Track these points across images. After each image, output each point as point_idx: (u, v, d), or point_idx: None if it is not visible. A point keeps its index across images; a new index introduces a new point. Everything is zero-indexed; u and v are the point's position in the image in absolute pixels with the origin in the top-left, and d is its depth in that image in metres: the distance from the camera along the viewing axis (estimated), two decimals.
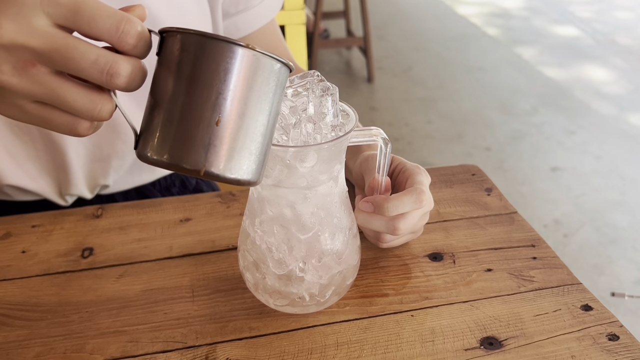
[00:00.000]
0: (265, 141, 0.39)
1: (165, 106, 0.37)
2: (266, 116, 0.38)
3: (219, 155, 0.37)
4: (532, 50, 3.65)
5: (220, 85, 0.36)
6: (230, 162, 0.37)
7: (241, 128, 0.37)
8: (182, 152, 0.36)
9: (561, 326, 0.53)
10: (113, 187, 0.78)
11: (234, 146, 0.37)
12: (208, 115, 0.36)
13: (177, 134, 0.37)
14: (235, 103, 0.37)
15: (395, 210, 0.54)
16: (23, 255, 0.62)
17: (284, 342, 0.51)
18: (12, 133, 0.67)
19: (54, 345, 0.51)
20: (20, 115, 0.40)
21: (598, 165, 2.42)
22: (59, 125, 0.40)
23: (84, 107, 0.38)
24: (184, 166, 0.37)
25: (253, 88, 0.37)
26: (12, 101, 0.38)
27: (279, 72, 0.38)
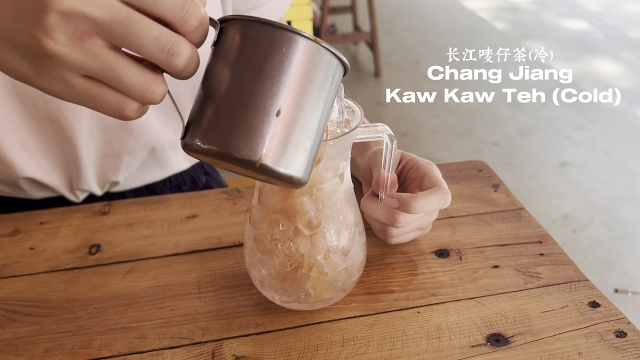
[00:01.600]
0: (318, 140, 0.38)
1: (222, 95, 0.36)
2: (322, 114, 0.38)
3: (276, 147, 0.35)
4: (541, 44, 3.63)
5: (283, 75, 0.35)
6: (286, 156, 0.36)
7: (300, 122, 0.36)
8: (239, 141, 0.35)
9: (568, 323, 0.53)
10: (123, 184, 0.78)
11: (292, 140, 0.36)
12: (269, 104, 0.35)
13: (234, 122, 0.35)
14: (297, 95, 0.36)
15: (422, 209, 0.55)
16: (31, 251, 0.62)
17: (290, 338, 0.52)
18: (26, 126, 0.68)
19: (62, 341, 0.52)
20: (65, 90, 0.37)
21: (607, 160, 2.40)
22: (105, 104, 0.37)
23: (137, 86, 0.36)
24: (239, 155, 0.35)
25: (314, 82, 0.36)
26: (60, 74, 0.36)
27: (336, 69, 0.38)
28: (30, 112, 0.67)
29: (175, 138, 0.77)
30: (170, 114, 0.75)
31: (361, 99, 2.92)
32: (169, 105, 0.74)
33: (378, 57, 3.13)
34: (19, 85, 0.65)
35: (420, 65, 3.33)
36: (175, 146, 0.78)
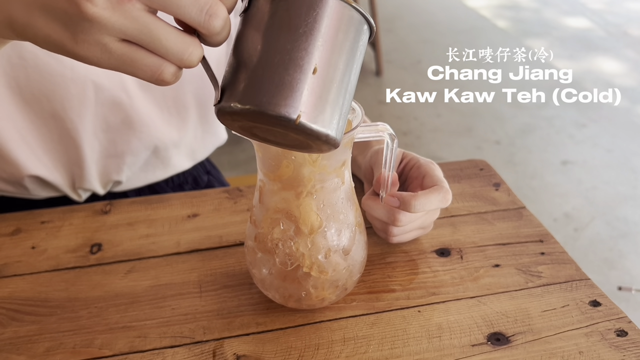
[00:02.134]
0: (349, 101, 0.39)
1: (257, 57, 0.36)
2: (353, 75, 0.38)
3: (313, 105, 0.36)
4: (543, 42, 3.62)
5: (317, 34, 0.36)
6: (324, 114, 0.36)
7: (334, 80, 0.37)
8: (277, 98, 0.35)
9: (569, 322, 0.53)
10: (126, 184, 0.78)
11: (328, 98, 0.36)
12: (305, 62, 0.35)
13: (270, 81, 0.35)
14: (330, 53, 0.36)
15: (422, 207, 0.55)
16: (33, 251, 0.63)
17: (291, 337, 0.52)
18: (30, 124, 0.68)
19: (64, 340, 0.52)
20: (102, 55, 0.36)
21: (609, 158, 2.40)
22: (143, 67, 0.37)
23: (175, 48, 0.36)
24: (278, 113, 0.35)
25: (345, 41, 0.37)
26: (98, 39, 0.35)
27: (365, 32, 0.39)
28: (34, 111, 0.67)
29: (178, 138, 0.77)
30: (173, 113, 0.75)
31: (362, 98, 2.91)
32: (172, 104, 0.74)
33: (379, 55, 3.13)
34: (23, 84, 0.65)
35: (421, 64, 3.32)
36: (177, 146, 0.78)
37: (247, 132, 0.40)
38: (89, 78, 0.66)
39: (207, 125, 0.80)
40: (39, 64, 0.64)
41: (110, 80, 0.68)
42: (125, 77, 0.69)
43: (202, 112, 0.78)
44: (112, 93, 0.68)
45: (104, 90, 0.67)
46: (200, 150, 0.83)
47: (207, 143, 0.83)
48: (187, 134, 0.78)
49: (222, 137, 0.85)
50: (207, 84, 0.75)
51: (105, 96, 0.68)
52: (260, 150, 0.48)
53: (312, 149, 0.40)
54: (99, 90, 0.67)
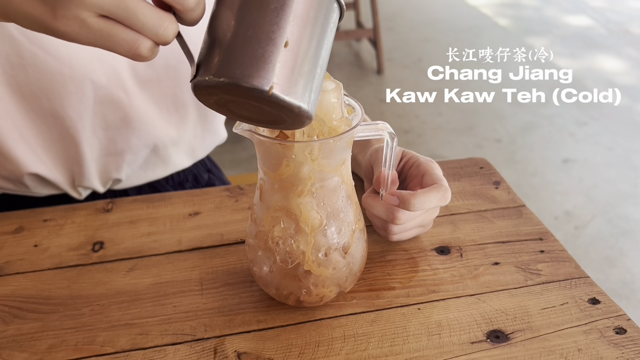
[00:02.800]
0: (321, 76, 0.40)
1: (231, 33, 0.37)
2: (325, 50, 0.40)
3: (286, 77, 0.37)
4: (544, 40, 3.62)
5: (288, 10, 0.37)
6: (296, 86, 0.38)
7: (306, 54, 0.38)
8: (251, 71, 0.36)
9: (568, 319, 0.53)
10: (126, 182, 0.78)
11: (300, 71, 0.38)
12: (277, 36, 0.37)
13: (244, 54, 0.37)
14: (302, 28, 0.38)
15: (421, 206, 0.55)
16: (35, 249, 0.63)
17: (292, 334, 0.52)
18: (29, 122, 0.68)
19: (66, 338, 0.52)
20: (80, 30, 0.37)
21: (610, 156, 2.40)
22: (120, 42, 0.38)
23: (151, 23, 0.37)
24: (252, 84, 0.36)
25: (317, 18, 0.39)
26: (76, 13, 0.37)
27: (335, 10, 0.40)
28: (33, 110, 0.67)
29: (177, 136, 0.77)
30: (172, 112, 0.75)
31: (363, 96, 2.92)
32: (171, 103, 0.74)
33: (380, 53, 3.13)
34: (22, 83, 0.65)
35: (422, 62, 3.32)
36: (177, 144, 0.78)
37: (223, 108, 0.41)
38: (87, 76, 0.66)
39: (206, 123, 0.81)
40: (37, 63, 0.64)
41: (108, 79, 0.68)
42: (123, 76, 0.69)
43: (202, 111, 0.78)
44: (111, 91, 0.68)
45: (102, 88, 0.68)
46: (200, 149, 0.83)
47: (206, 141, 0.83)
48: (187, 132, 0.78)
49: (222, 136, 0.86)
50: None
51: (104, 94, 0.68)
52: (260, 148, 0.48)
53: (286, 123, 0.41)
54: (98, 88, 0.68)
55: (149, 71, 0.71)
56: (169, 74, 0.72)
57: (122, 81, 0.69)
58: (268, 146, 0.47)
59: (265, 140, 0.46)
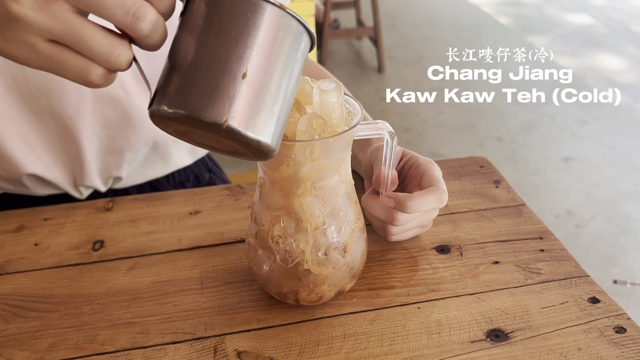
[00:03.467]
0: (286, 108, 0.38)
1: (188, 61, 0.36)
2: (289, 81, 0.38)
3: (243, 110, 0.35)
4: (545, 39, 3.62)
5: (248, 39, 0.35)
6: (254, 119, 0.36)
7: (267, 86, 0.36)
8: (205, 102, 0.35)
9: (568, 318, 0.53)
10: (127, 180, 0.78)
11: (259, 104, 0.36)
12: (235, 67, 0.35)
13: (199, 85, 0.35)
14: (263, 59, 0.36)
15: (418, 208, 0.55)
16: (36, 247, 0.63)
17: (292, 333, 0.52)
18: (29, 122, 0.68)
19: (66, 336, 0.52)
20: (30, 55, 0.37)
21: (611, 155, 2.40)
22: (70, 68, 0.37)
23: (102, 49, 0.36)
24: (205, 117, 0.35)
25: (281, 48, 0.37)
26: (25, 38, 0.36)
27: (302, 38, 0.38)
28: (33, 109, 0.67)
29: None
30: None
31: (364, 95, 2.92)
32: None
33: (381, 52, 3.13)
34: (21, 82, 0.65)
35: (424, 61, 3.32)
36: (177, 141, 0.78)
37: (183, 136, 0.40)
38: None
39: None
40: None
41: None
42: (122, 73, 0.69)
43: None
44: (110, 90, 0.68)
45: None
46: None
47: None
48: None
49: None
50: None
51: (103, 93, 0.68)
52: None
53: (247, 155, 0.39)
54: None
55: (148, 69, 0.71)
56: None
57: (121, 79, 0.69)
58: None
59: None
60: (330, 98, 0.46)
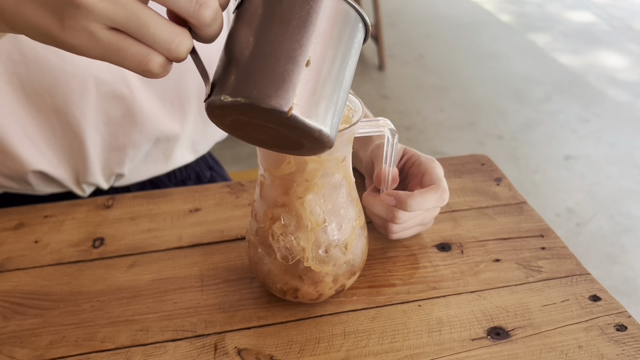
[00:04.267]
0: (343, 99, 0.38)
1: (249, 50, 0.35)
2: (348, 72, 0.38)
3: (306, 98, 0.35)
4: (546, 36, 3.61)
5: (311, 27, 0.35)
6: (316, 108, 0.35)
7: (329, 74, 0.36)
8: (269, 90, 0.34)
9: (569, 316, 0.53)
10: (128, 177, 0.78)
11: (321, 93, 0.35)
12: (298, 54, 0.35)
13: (262, 73, 0.34)
14: (325, 47, 0.36)
15: (418, 207, 0.55)
16: (36, 245, 0.63)
17: (292, 331, 0.52)
18: (32, 120, 0.68)
19: (66, 334, 0.52)
20: (89, 43, 0.36)
21: (612, 153, 2.39)
22: (130, 57, 0.36)
23: (164, 37, 0.35)
24: (270, 104, 0.34)
25: (341, 37, 0.37)
26: (85, 25, 0.35)
27: (361, 30, 0.38)
28: (36, 107, 0.67)
29: (180, 130, 0.77)
30: (175, 106, 0.75)
31: (365, 92, 2.91)
32: (175, 97, 0.74)
33: (382, 50, 3.12)
34: (24, 80, 0.65)
35: (424, 58, 3.32)
36: (179, 138, 0.78)
37: (238, 130, 0.39)
38: (90, 72, 0.66)
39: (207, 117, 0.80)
40: (39, 60, 0.64)
41: (111, 74, 0.68)
42: (126, 71, 0.69)
43: (203, 104, 0.78)
44: (114, 86, 0.68)
45: (105, 84, 0.68)
46: (202, 143, 0.83)
47: (208, 135, 0.83)
48: (188, 126, 0.78)
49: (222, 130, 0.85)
50: None
51: (107, 90, 0.68)
52: None
53: (304, 149, 0.39)
54: (100, 84, 0.67)
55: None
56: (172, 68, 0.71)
57: (125, 76, 0.69)
58: None
59: None
60: None
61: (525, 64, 3.16)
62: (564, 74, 3.04)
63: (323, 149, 0.38)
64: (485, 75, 3.05)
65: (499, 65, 3.16)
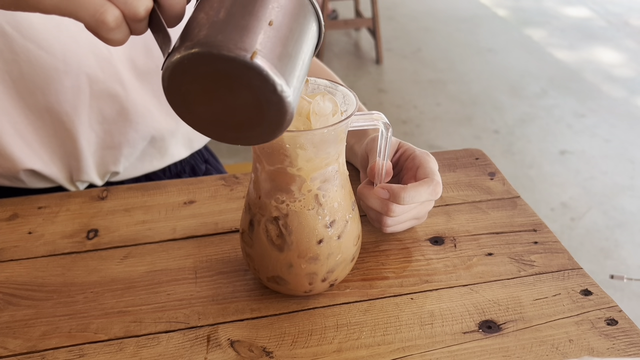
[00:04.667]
0: (302, 76, 0.39)
1: (214, 11, 0.36)
2: (307, 53, 0.39)
3: (270, 49, 0.35)
4: (543, 31, 3.61)
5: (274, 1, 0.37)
6: (280, 62, 0.36)
7: (290, 40, 0.37)
8: (234, 36, 0.35)
9: (560, 310, 0.54)
10: (123, 174, 0.78)
11: (284, 52, 0.36)
12: (262, 14, 0.36)
13: (227, 25, 0.35)
14: (287, 18, 0.37)
15: (412, 200, 0.55)
16: (29, 236, 0.63)
17: (285, 323, 0.52)
18: (25, 118, 0.68)
19: (59, 325, 0.52)
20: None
21: (607, 148, 2.40)
22: (86, 4, 0.35)
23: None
24: (234, 50, 0.34)
25: (298, 19, 0.39)
26: None
27: (315, 25, 0.41)
28: (28, 105, 0.67)
29: (176, 127, 0.77)
30: None
31: (362, 86, 2.91)
32: None
33: (379, 43, 3.12)
34: (16, 78, 0.65)
35: (422, 52, 3.31)
36: (175, 135, 0.78)
37: (192, 108, 0.39)
38: (83, 70, 0.66)
39: None
40: (31, 58, 0.64)
41: (104, 73, 0.67)
42: (120, 69, 0.69)
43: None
44: (107, 85, 0.68)
45: (99, 82, 0.67)
46: (197, 139, 0.83)
47: None
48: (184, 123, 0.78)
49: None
50: None
51: (100, 88, 0.68)
52: None
53: (261, 125, 0.38)
54: (94, 82, 0.67)
55: (148, 63, 0.70)
56: None
57: (119, 75, 0.69)
58: None
59: None
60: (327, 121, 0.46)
61: (522, 59, 3.16)
62: (560, 69, 3.05)
63: (282, 120, 0.37)
64: (482, 70, 3.05)
65: (496, 59, 3.16)
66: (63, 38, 0.64)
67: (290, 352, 0.49)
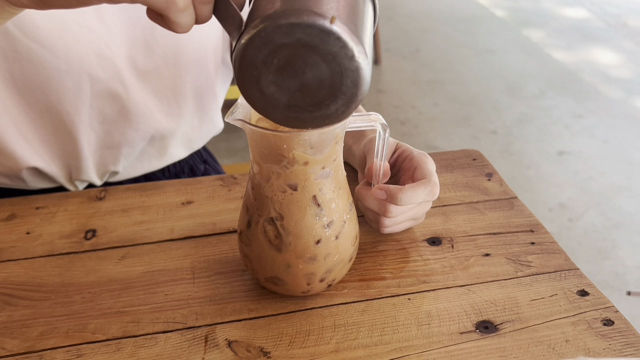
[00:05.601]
0: (371, 48, 0.39)
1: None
2: (372, 25, 0.40)
3: (346, 16, 0.36)
4: (541, 32, 3.61)
5: None
6: (355, 26, 0.36)
7: (359, 10, 0.38)
8: (311, 4, 0.35)
9: (557, 311, 0.54)
10: (123, 173, 0.78)
11: (357, 19, 0.37)
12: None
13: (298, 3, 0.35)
14: None
15: (409, 201, 0.55)
16: (27, 236, 0.63)
17: (282, 323, 0.52)
18: (26, 117, 0.68)
19: (57, 325, 0.52)
20: None
21: (605, 149, 2.40)
22: None
23: None
24: (312, 16, 0.34)
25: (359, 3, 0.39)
26: None
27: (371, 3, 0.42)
28: (29, 104, 0.67)
29: (175, 127, 0.77)
30: (172, 103, 0.75)
31: None
32: (171, 94, 0.74)
33: (378, 43, 3.12)
34: (17, 77, 0.65)
35: (420, 53, 3.31)
36: (174, 135, 0.78)
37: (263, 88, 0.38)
38: (84, 70, 0.66)
39: (203, 113, 0.80)
40: (33, 57, 0.64)
41: (106, 73, 0.67)
42: (122, 69, 0.69)
43: (199, 101, 0.78)
44: (108, 85, 0.68)
45: (100, 82, 0.67)
46: (197, 139, 0.83)
47: (203, 132, 0.83)
48: (184, 123, 0.78)
49: (218, 126, 0.85)
50: (205, 72, 0.75)
51: (101, 88, 0.68)
52: (253, 138, 0.48)
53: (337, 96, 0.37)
54: (95, 82, 0.67)
55: (149, 63, 0.70)
56: (168, 65, 0.71)
57: (121, 74, 0.69)
58: (260, 136, 0.47)
59: (257, 130, 0.46)
60: None
61: (520, 60, 3.16)
62: (558, 70, 3.05)
63: (358, 90, 0.37)
64: (481, 70, 3.05)
65: (494, 60, 3.16)
66: (66, 37, 0.64)
67: (288, 352, 0.50)
